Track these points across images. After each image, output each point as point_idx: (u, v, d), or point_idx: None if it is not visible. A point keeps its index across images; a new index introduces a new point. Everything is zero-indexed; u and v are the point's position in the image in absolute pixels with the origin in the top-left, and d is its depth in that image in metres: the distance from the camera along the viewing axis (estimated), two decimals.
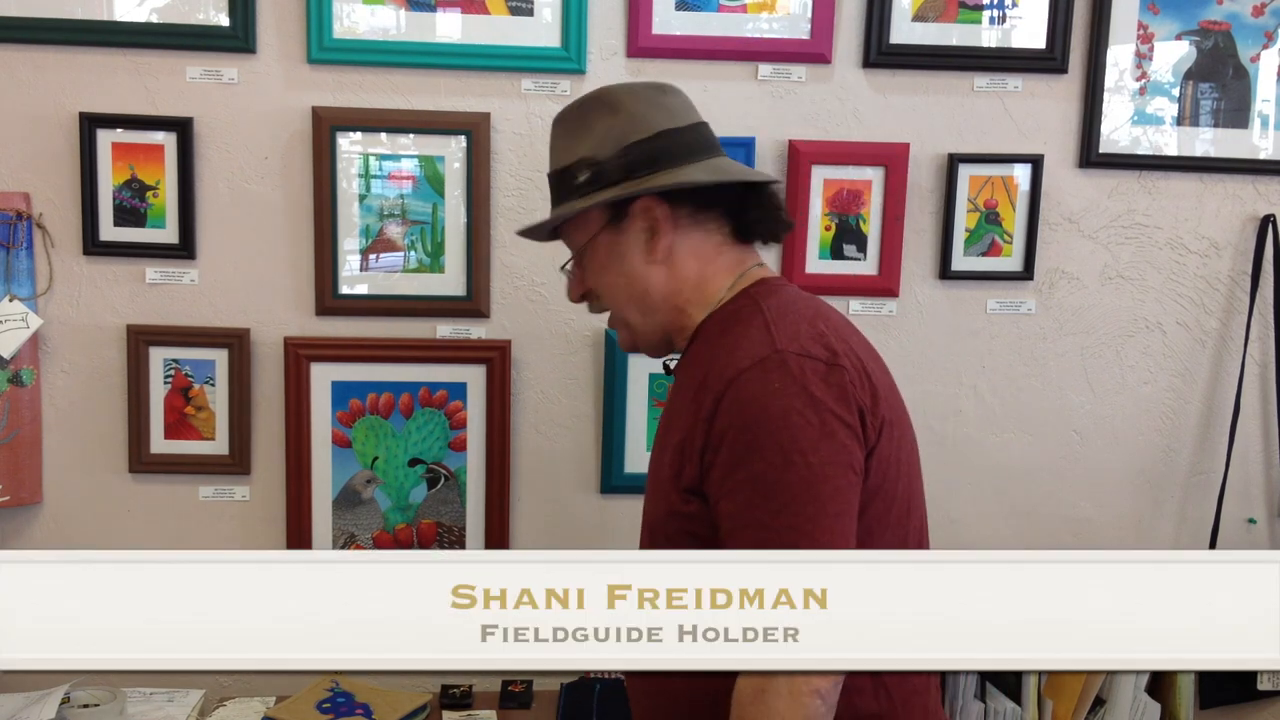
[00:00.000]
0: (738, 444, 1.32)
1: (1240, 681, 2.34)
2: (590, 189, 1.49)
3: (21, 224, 2.11)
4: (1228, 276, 2.36)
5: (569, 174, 1.52)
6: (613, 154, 1.49)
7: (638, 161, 1.48)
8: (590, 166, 1.50)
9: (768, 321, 1.40)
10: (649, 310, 1.52)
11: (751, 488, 1.31)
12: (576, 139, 1.52)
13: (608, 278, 1.53)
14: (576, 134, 1.53)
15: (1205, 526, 2.39)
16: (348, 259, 2.17)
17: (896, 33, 2.20)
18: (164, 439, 2.19)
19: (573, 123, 1.54)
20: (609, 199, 1.48)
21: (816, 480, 1.30)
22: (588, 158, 1.50)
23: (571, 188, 1.51)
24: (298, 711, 2.00)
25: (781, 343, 1.36)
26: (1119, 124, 2.28)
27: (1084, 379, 2.36)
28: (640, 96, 1.53)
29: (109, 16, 2.09)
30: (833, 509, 1.30)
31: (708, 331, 1.49)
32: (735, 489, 1.32)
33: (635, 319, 1.53)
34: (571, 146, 1.53)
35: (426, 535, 2.25)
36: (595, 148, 1.50)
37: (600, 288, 1.54)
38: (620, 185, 1.47)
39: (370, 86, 2.15)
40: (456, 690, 2.16)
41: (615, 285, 1.53)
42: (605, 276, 1.53)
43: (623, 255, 1.50)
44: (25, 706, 1.91)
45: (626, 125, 1.51)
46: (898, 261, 2.26)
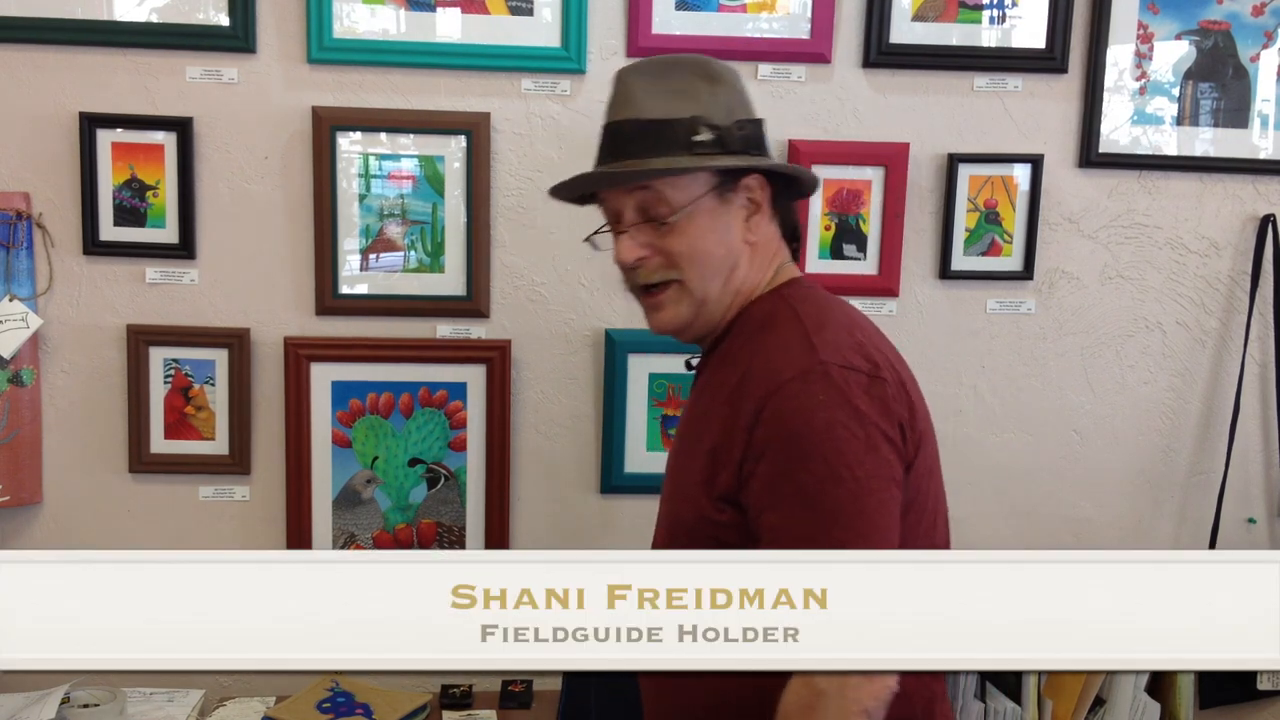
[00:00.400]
0: (782, 456, 1.32)
1: (1240, 681, 2.34)
2: (711, 150, 1.43)
3: (21, 224, 2.11)
4: (1227, 276, 2.36)
5: (678, 128, 1.43)
6: (728, 123, 1.44)
7: (750, 139, 1.47)
8: (710, 128, 1.43)
9: (807, 330, 1.39)
10: (728, 289, 1.47)
11: (798, 501, 1.31)
12: (680, 97, 1.45)
13: (705, 244, 1.44)
14: (680, 92, 1.46)
15: (1205, 526, 2.39)
16: (348, 259, 2.17)
17: (896, 32, 2.20)
18: (164, 439, 2.19)
19: (668, 80, 1.47)
20: (743, 165, 1.44)
21: (863, 494, 1.30)
22: (703, 118, 1.43)
23: (683, 143, 1.42)
24: (298, 711, 2.00)
25: (824, 354, 1.35)
26: (1119, 124, 2.28)
27: (1084, 379, 2.36)
28: (737, 75, 1.51)
29: (109, 16, 2.09)
30: (879, 523, 1.31)
31: (741, 328, 1.47)
32: (780, 502, 1.32)
33: (714, 294, 1.46)
34: (672, 102, 1.44)
35: (426, 535, 2.25)
36: (707, 111, 1.44)
37: (690, 252, 1.44)
38: (739, 156, 1.44)
39: (370, 86, 2.15)
40: (456, 690, 2.16)
41: (711, 254, 1.45)
42: (702, 242, 1.44)
43: (727, 225, 1.46)
44: (25, 706, 1.91)
45: (735, 100, 1.48)
46: (897, 261, 2.26)
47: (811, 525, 1.30)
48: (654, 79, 1.47)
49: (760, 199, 1.47)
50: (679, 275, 1.45)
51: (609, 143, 1.48)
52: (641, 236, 1.45)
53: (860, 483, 1.30)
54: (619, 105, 1.48)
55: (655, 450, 2.25)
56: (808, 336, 1.38)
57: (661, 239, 1.44)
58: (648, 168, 1.42)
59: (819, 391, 1.32)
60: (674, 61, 1.50)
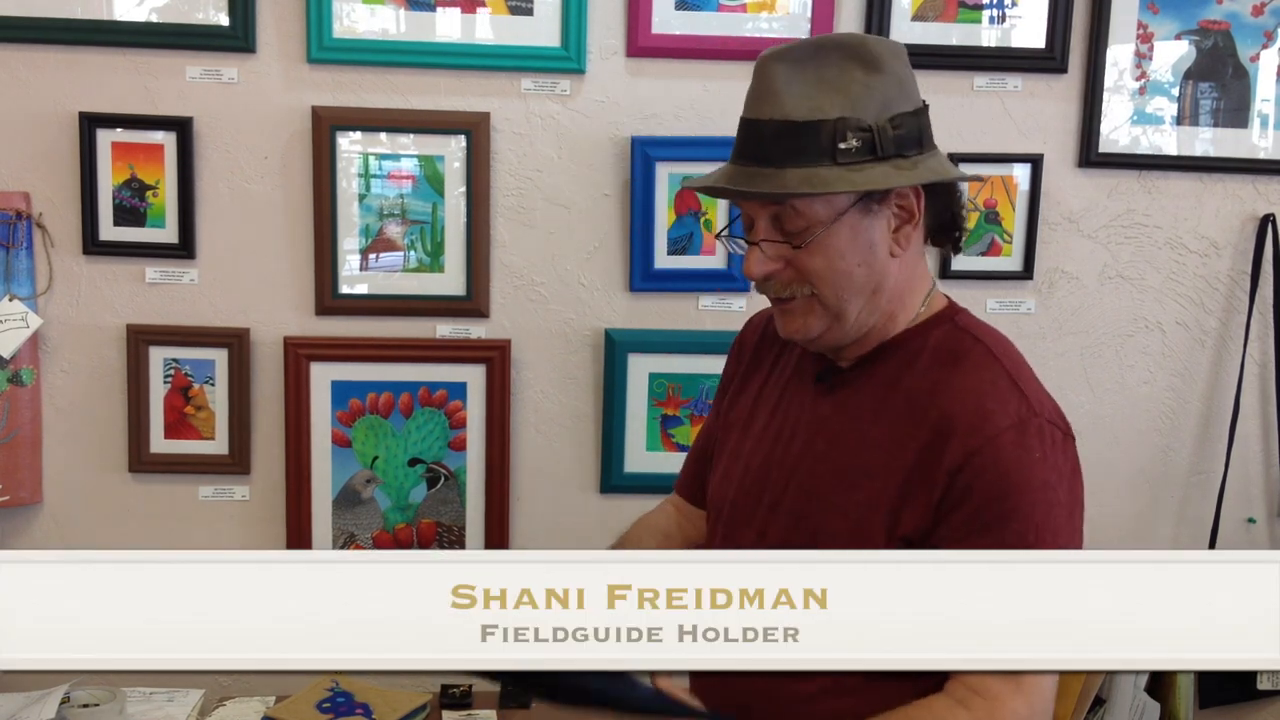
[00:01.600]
0: (992, 508, 1.26)
1: (1240, 681, 2.34)
2: (858, 159, 1.28)
3: (21, 223, 2.11)
4: (1227, 276, 2.36)
5: (822, 133, 1.27)
6: (881, 122, 1.29)
7: (908, 138, 1.32)
8: (858, 133, 1.28)
9: (1009, 374, 1.33)
10: (873, 306, 1.35)
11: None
12: (828, 90, 1.29)
13: (844, 264, 1.32)
14: (829, 84, 1.29)
15: (1205, 526, 2.39)
16: (347, 258, 2.17)
17: (896, 32, 2.20)
18: (164, 439, 2.19)
19: (818, 67, 1.30)
20: (901, 184, 1.30)
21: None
22: (852, 120, 1.28)
23: (827, 151, 1.27)
24: (298, 711, 2.00)
25: (1036, 406, 1.30)
26: (1118, 124, 2.28)
27: (1083, 378, 2.36)
28: (900, 57, 1.35)
29: (109, 16, 2.09)
30: None
31: (911, 354, 1.37)
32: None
33: (853, 311, 1.34)
34: (819, 97, 1.29)
35: (426, 535, 2.25)
36: (856, 108, 1.29)
37: (827, 272, 1.32)
38: (893, 162, 1.30)
39: (370, 86, 2.15)
40: (456, 690, 2.16)
41: (851, 273, 1.32)
42: (842, 262, 1.31)
43: (871, 242, 1.32)
44: (25, 706, 1.91)
45: (893, 90, 1.32)
46: None
47: None
48: (801, 67, 1.30)
49: (913, 207, 1.34)
50: (813, 291, 1.34)
51: (745, 142, 1.33)
52: (773, 250, 1.33)
53: (1060, 548, 1.29)
54: (759, 98, 1.32)
55: (655, 450, 2.25)
56: (1014, 383, 1.32)
57: (796, 256, 1.32)
58: (782, 187, 1.28)
59: (1035, 448, 1.28)
60: (827, 44, 1.33)
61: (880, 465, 1.33)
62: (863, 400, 1.38)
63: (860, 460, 1.35)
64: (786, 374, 1.49)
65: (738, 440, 1.51)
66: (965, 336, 1.38)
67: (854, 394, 1.39)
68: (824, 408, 1.41)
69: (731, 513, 1.47)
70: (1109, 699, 1.99)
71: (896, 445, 1.32)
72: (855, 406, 1.38)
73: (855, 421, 1.37)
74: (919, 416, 1.32)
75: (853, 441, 1.36)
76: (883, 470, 1.33)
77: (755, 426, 1.49)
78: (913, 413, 1.32)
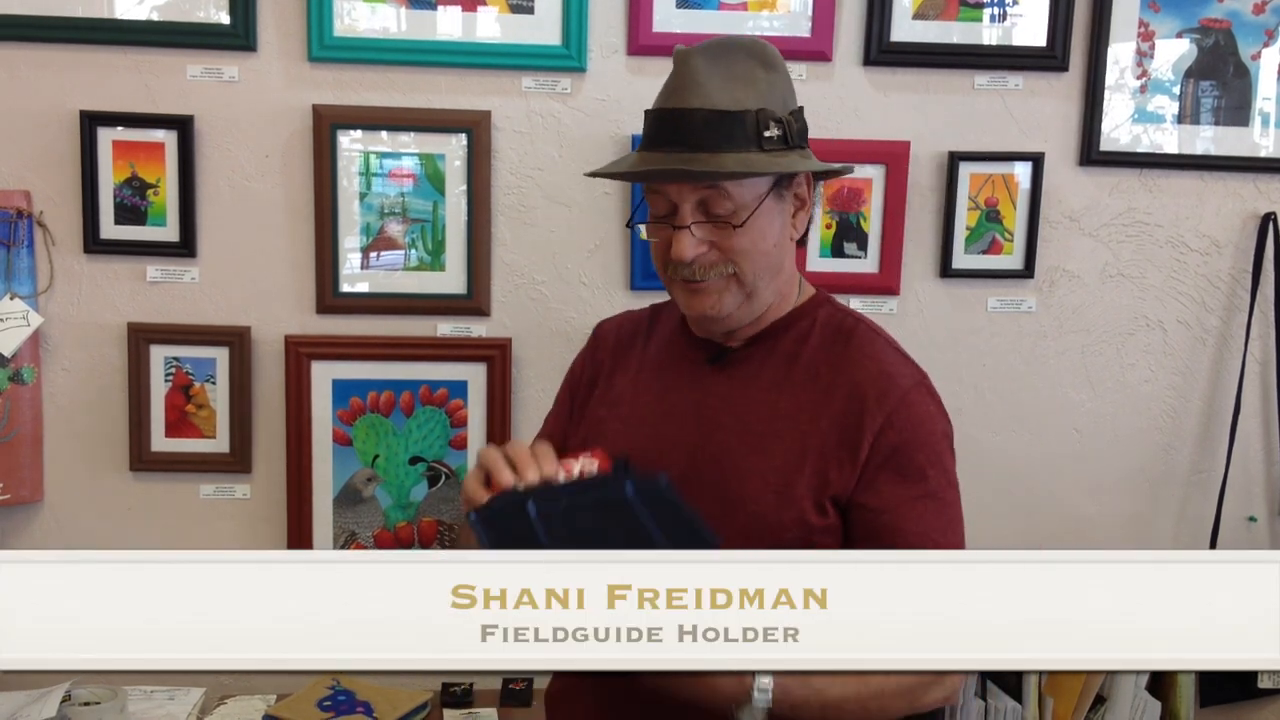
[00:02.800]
0: (913, 461, 1.42)
1: (1240, 680, 2.34)
2: (779, 147, 1.40)
3: (22, 222, 2.11)
4: (1228, 275, 2.35)
5: (747, 121, 1.39)
6: (787, 115, 1.42)
7: (802, 131, 1.46)
8: (776, 123, 1.40)
9: (892, 345, 1.51)
10: (775, 286, 1.48)
11: (926, 505, 1.41)
12: (743, 85, 1.40)
13: (765, 244, 1.43)
14: (742, 80, 1.41)
15: (1206, 525, 2.39)
16: (348, 257, 2.17)
17: (897, 31, 2.20)
18: (165, 437, 2.19)
19: (729, 65, 1.41)
20: (817, 169, 1.45)
21: (958, 500, 1.46)
22: (768, 111, 1.40)
23: (754, 139, 1.39)
24: (299, 710, 2.00)
25: (920, 370, 1.49)
26: (1120, 122, 2.28)
27: (1084, 377, 2.35)
28: (783, 60, 1.47)
29: (109, 14, 2.09)
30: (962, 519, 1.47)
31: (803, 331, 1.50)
32: (909, 504, 1.40)
33: (763, 289, 1.46)
34: (737, 91, 1.40)
35: (427, 533, 2.25)
36: (768, 102, 1.41)
37: (751, 251, 1.43)
38: (799, 152, 1.43)
39: (371, 85, 2.15)
40: (457, 688, 2.16)
41: (769, 253, 1.45)
42: (763, 242, 1.43)
43: (782, 225, 1.46)
44: (26, 705, 1.91)
45: (787, 89, 1.46)
46: (898, 259, 2.26)
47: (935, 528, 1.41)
48: (716, 62, 1.40)
49: (806, 195, 1.48)
50: (734, 270, 1.43)
51: (671, 130, 1.41)
52: (702, 233, 1.42)
53: (957, 490, 1.47)
54: (683, 90, 1.40)
55: None
56: (899, 351, 1.50)
57: (724, 237, 1.41)
58: (721, 167, 1.36)
59: (931, 404, 1.47)
60: (732, 44, 1.44)
61: (792, 431, 1.44)
62: (762, 373, 1.49)
63: (771, 427, 1.45)
64: (666, 361, 1.58)
65: (616, 427, 1.56)
66: (846, 316, 1.54)
67: (752, 369, 1.50)
68: (719, 385, 1.51)
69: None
70: (1110, 697, 1.99)
71: (805, 414, 1.44)
72: (755, 379, 1.49)
73: (758, 393, 1.48)
74: (825, 387, 1.45)
75: (760, 410, 1.46)
76: (795, 436, 1.44)
77: (636, 412, 1.56)
78: (818, 383, 1.46)
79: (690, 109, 1.38)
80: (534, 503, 1.29)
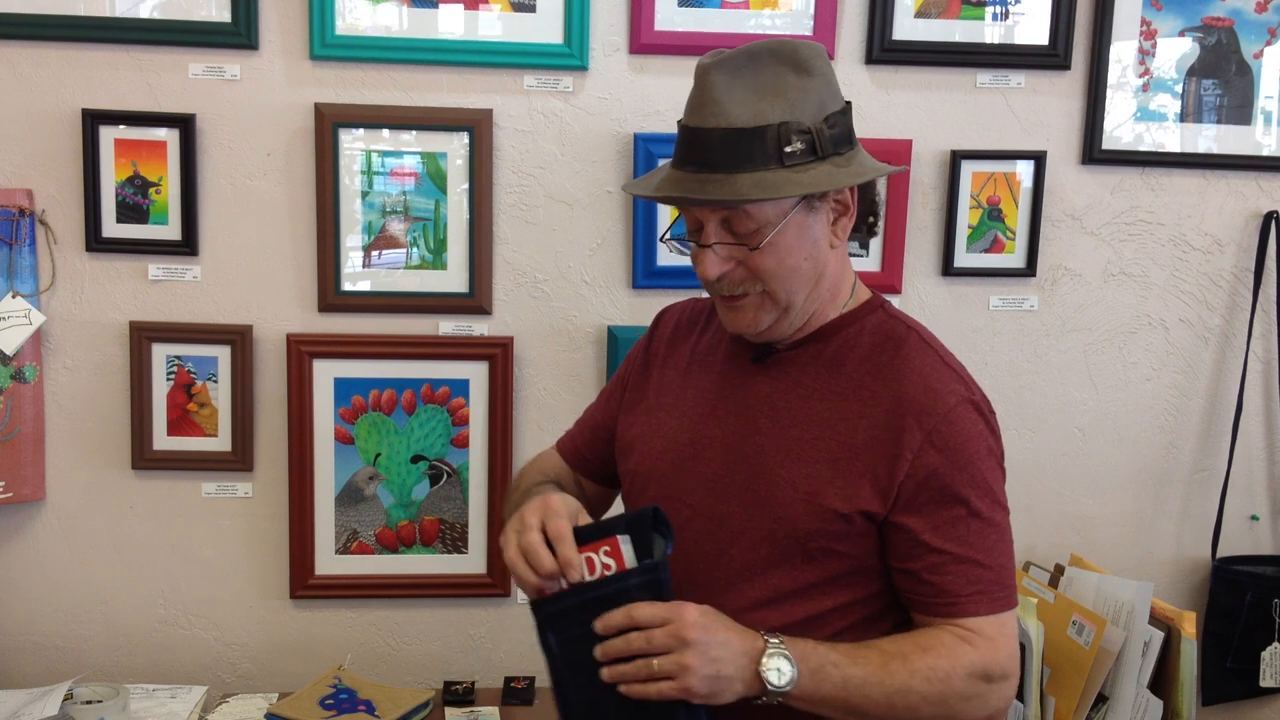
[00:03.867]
0: (954, 482, 1.37)
1: (1243, 679, 2.34)
2: (803, 160, 1.34)
3: (24, 220, 2.11)
4: (1230, 273, 2.35)
5: (768, 137, 1.33)
6: (819, 123, 1.36)
7: (841, 136, 1.39)
8: (800, 135, 1.34)
9: (943, 358, 1.44)
10: (815, 295, 1.44)
11: (968, 526, 1.37)
12: (768, 96, 1.35)
13: (792, 260, 1.39)
14: (767, 90, 1.35)
15: (1208, 523, 2.39)
16: (350, 255, 2.17)
17: (899, 29, 2.20)
18: (166, 435, 2.19)
19: (755, 75, 1.36)
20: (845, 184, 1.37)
21: (1007, 524, 1.42)
22: (793, 123, 1.34)
23: (774, 155, 1.33)
24: (300, 707, 2.00)
25: (971, 386, 1.43)
26: (1122, 120, 2.28)
27: (1086, 376, 2.35)
28: (825, 57, 1.41)
29: (111, 13, 2.09)
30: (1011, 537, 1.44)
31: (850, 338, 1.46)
32: (950, 525, 1.37)
33: (799, 302, 1.42)
34: (760, 103, 1.34)
35: (429, 532, 2.25)
36: (795, 111, 1.35)
37: (777, 269, 1.39)
38: (831, 160, 1.36)
39: (373, 83, 2.15)
40: (459, 687, 2.16)
41: (799, 268, 1.40)
42: (790, 258, 1.39)
43: (815, 236, 1.40)
44: (29, 703, 1.92)
45: (825, 92, 1.39)
46: (900, 258, 2.26)
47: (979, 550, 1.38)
48: (739, 74, 1.36)
49: (849, 200, 1.42)
50: (764, 288, 1.41)
51: (690, 149, 1.38)
52: (726, 252, 1.39)
53: (1005, 512, 1.43)
54: (702, 107, 1.36)
55: None
56: (948, 364, 1.44)
57: (747, 257, 1.38)
58: (735, 193, 1.33)
59: (979, 423, 1.41)
60: (760, 51, 1.37)
61: (828, 440, 1.41)
62: (804, 378, 1.46)
63: (807, 433, 1.42)
64: (715, 357, 1.56)
65: (660, 418, 1.56)
66: (899, 324, 1.48)
67: (795, 373, 1.46)
68: (761, 385, 1.48)
69: (661, 486, 1.51)
70: (1112, 696, 1.98)
71: (845, 423, 1.41)
72: (797, 384, 1.46)
73: (798, 398, 1.45)
74: (869, 397, 1.41)
75: (798, 415, 1.43)
76: (831, 445, 1.40)
77: (682, 405, 1.55)
78: (860, 393, 1.42)
79: (706, 128, 1.35)
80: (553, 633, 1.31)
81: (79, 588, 2.22)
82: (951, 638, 1.36)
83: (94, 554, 2.21)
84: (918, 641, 1.36)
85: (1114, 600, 2.02)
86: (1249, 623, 2.32)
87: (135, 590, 2.23)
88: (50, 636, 2.23)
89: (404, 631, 2.29)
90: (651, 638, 1.26)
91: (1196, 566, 2.43)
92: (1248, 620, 2.32)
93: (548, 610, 1.31)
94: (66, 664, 2.21)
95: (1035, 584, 2.17)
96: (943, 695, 1.33)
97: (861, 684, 1.31)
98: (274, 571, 2.24)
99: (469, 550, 2.27)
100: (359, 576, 2.25)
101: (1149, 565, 2.41)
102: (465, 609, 2.30)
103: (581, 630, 1.28)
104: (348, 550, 2.24)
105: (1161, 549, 2.42)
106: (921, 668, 1.33)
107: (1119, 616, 2.00)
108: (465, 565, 2.27)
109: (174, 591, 2.24)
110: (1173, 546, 2.43)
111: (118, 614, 2.24)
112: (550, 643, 1.31)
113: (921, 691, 1.32)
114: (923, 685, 1.32)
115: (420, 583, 2.26)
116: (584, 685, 1.29)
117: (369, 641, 2.29)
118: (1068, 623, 2.01)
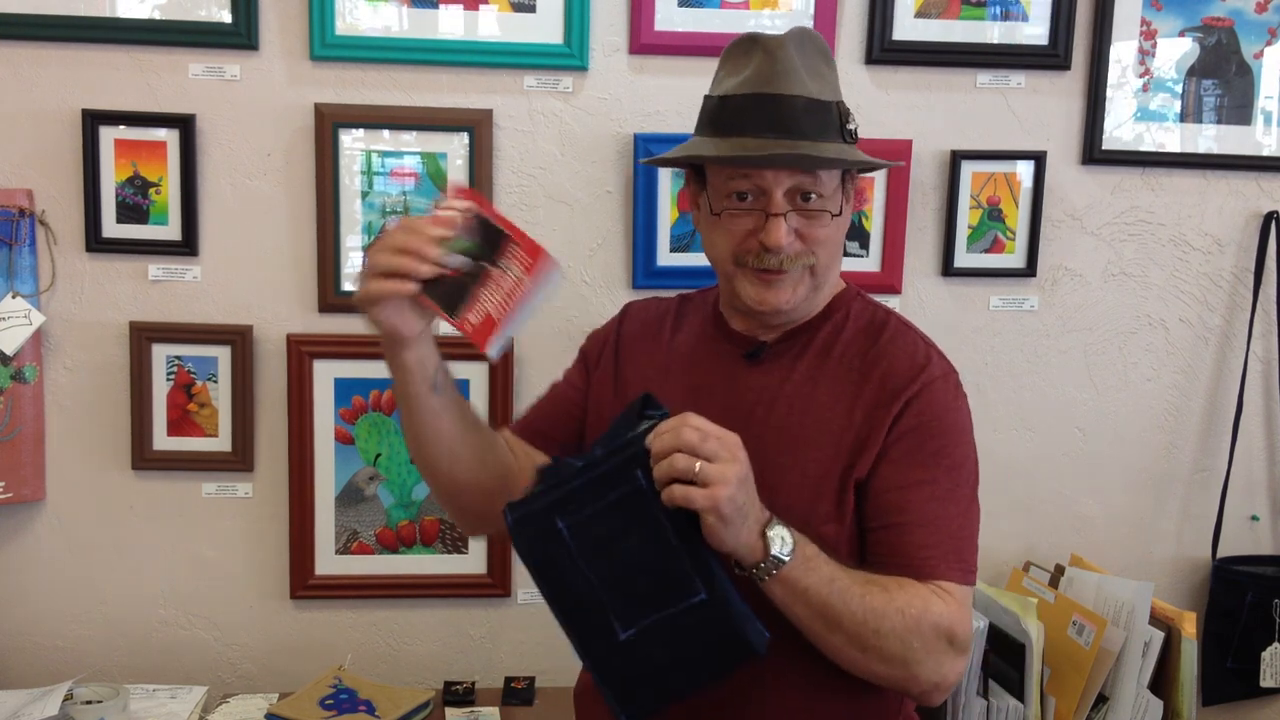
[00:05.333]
0: (928, 445, 1.42)
1: (1243, 679, 2.34)
2: (852, 140, 1.45)
3: (24, 221, 2.11)
4: (1231, 273, 2.35)
5: (834, 112, 1.43)
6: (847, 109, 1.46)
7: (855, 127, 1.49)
8: (849, 117, 1.45)
9: (925, 340, 1.52)
10: (831, 278, 1.53)
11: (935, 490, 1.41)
12: (816, 77, 1.43)
13: (840, 235, 1.48)
14: (814, 71, 1.43)
15: (1208, 524, 2.39)
16: (350, 256, 2.17)
17: (899, 29, 2.20)
18: (167, 436, 2.19)
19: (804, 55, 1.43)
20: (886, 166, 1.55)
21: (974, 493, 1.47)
22: (844, 104, 1.46)
23: (839, 129, 1.43)
24: (300, 708, 2.00)
25: (948, 365, 1.50)
26: (1122, 120, 2.28)
27: (1087, 376, 2.35)
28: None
29: (111, 13, 2.09)
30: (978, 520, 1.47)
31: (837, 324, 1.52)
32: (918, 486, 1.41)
33: (826, 283, 1.51)
34: (819, 82, 1.43)
35: (429, 532, 2.25)
36: (837, 94, 1.46)
37: (829, 242, 1.46)
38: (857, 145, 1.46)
39: (373, 83, 2.15)
40: (459, 687, 2.16)
41: (840, 244, 1.50)
42: (839, 233, 1.48)
43: (847, 217, 1.49)
44: (28, 703, 1.91)
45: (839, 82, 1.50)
46: (900, 258, 2.26)
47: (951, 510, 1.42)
48: (801, 52, 1.42)
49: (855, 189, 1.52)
50: (814, 261, 1.45)
51: (767, 115, 1.40)
52: (794, 221, 1.43)
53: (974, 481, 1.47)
54: (779, 76, 1.40)
55: None
56: (929, 345, 1.51)
57: (813, 227, 1.43)
58: (823, 155, 1.38)
59: (957, 397, 1.48)
60: (803, 37, 1.45)
61: (828, 425, 1.45)
62: (798, 367, 1.50)
63: (809, 419, 1.46)
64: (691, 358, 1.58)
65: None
66: (878, 308, 1.55)
67: (789, 363, 1.51)
68: (754, 380, 1.51)
69: None
70: (1112, 696, 1.98)
71: (841, 405, 1.46)
72: (790, 374, 1.50)
73: (793, 387, 1.49)
74: (859, 379, 1.46)
75: (796, 405, 1.47)
76: (832, 430, 1.45)
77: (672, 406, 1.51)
78: (851, 376, 1.47)
79: (791, 95, 1.39)
80: (561, 519, 1.29)
81: (79, 588, 2.22)
82: (926, 590, 1.38)
83: (94, 554, 2.21)
84: (899, 580, 1.38)
85: (1114, 600, 2.02)
86: (1249, 623, 2.32)
87: (135, 590, 2.23)
88: (50, 636, 2.23)
89: (404, 632, 2.29)
90: (706, 437, 1.25)
91: (1197, 566, 2.43)
92: (1248, 620, 2.32)
93: (552, 497, 1.30)
94: (66, 664, 2.21)
95: (1035, 584, 2.17)
96: (909, 634, 1.34)
97: (844, 591, 1.32)
98: (274, 572, 2.24)
99: (469, 550, 2.27)
100: (359, 577, 2.25)
101: (1149, 565, 2.41)
102: (465, 609, 2.30)
103: (594, 509, 1.28)
104: (348, 550, 2.24)
105: (1162, 549, 2.42)
106: (899, 601, 1.34)
107: (1119, 617, 2.00)
108: (465, 565, 2.27)
109: (174, 591, 2.24)
110: (1173, 546, 2.43)
111: (118, 614, 2.24)
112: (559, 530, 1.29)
113: (893, 622, 1.33)
114: (896, 617, 1.33)
115: (420, 583, 2.26)
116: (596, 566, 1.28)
117: (369, 642, 2.29)
118: (1068, 623, 2.01)
